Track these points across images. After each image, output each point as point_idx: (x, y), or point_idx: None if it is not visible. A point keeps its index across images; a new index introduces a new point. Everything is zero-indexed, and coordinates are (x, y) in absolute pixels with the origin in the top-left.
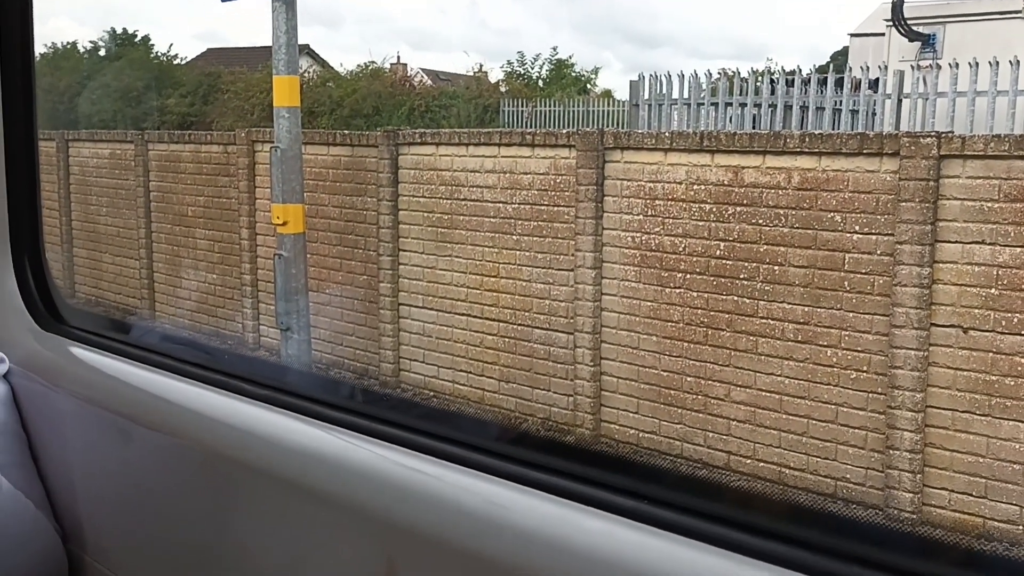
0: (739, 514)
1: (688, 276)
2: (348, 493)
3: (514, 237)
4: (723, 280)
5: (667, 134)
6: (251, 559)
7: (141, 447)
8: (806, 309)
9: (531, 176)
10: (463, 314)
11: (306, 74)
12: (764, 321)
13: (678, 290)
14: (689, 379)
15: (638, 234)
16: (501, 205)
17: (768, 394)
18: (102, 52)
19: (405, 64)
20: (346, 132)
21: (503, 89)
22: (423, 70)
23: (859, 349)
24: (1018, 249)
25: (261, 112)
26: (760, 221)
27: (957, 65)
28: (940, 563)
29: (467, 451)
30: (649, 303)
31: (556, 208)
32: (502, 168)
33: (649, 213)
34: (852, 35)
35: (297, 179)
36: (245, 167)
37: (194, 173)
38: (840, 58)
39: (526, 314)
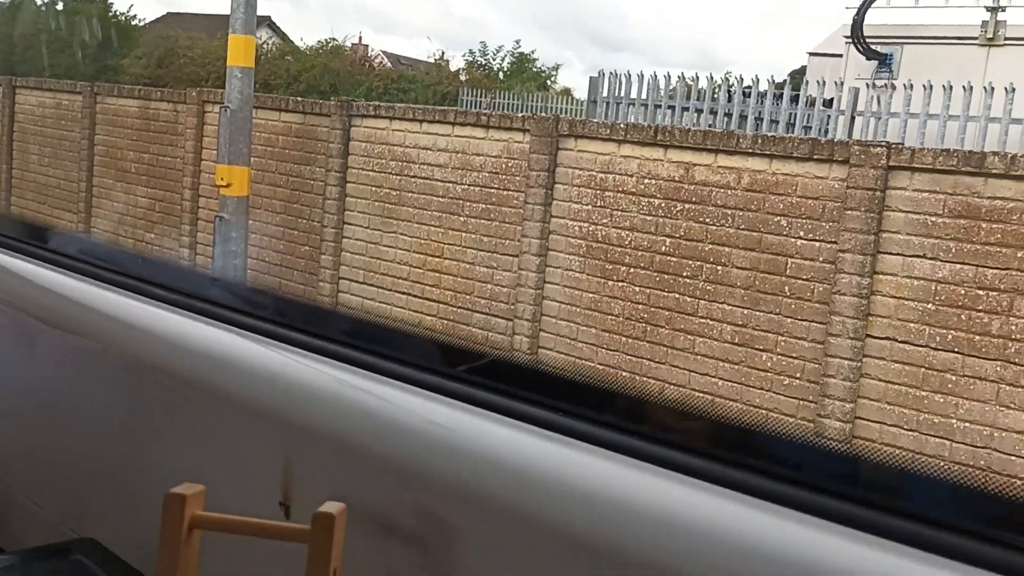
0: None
1: (632, 270)
2: (252, 394)
3: (461, 218)
4: (666, 277)
5: (622, 125)
6: (157, 462)
7: (47, 347)
8: (745, 312)
9: (483, 158)
10: (404, 292)
11: (265, 45)
12: (703, 321)
13: (621, 284)
14: (625, 374)
15: (585, 224)
16: (451, 185)
17: (701, 395)
18: (60, 5)
19: (367, 45)
20: (299, 99)
21: (463, 78)
22: (384, 53)
23: (794, 355)
24: (958, 266)
25: (216, 81)
26: (707, 220)
27: (911, 86)
28: None
29: (374, 358)
30: (591, 295)
31: (506, 192)
32: (455, 148)
33: (598, 204)
34: (811, 54)
35: (245, 141)
36: (193, 127)
37: (141, 129)
38: (798, 77)
39: (467, 297)
